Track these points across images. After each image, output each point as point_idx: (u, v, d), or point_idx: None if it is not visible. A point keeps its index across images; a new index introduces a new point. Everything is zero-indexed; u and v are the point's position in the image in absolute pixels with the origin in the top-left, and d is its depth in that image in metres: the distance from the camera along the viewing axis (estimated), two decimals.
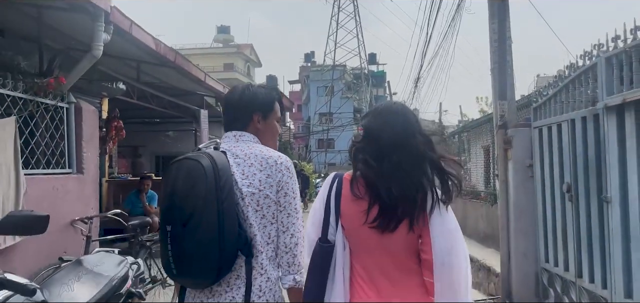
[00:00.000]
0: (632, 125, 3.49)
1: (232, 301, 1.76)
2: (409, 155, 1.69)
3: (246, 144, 1.90)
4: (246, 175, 1.82)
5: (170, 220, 1.76)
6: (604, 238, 3.89)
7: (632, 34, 3.50)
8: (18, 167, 3.57)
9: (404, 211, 1.66)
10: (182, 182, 1.75)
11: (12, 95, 3.67)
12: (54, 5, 4.30)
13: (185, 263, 1.74)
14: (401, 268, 1.72)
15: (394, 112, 1.78)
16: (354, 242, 1.78)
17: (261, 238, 1.81)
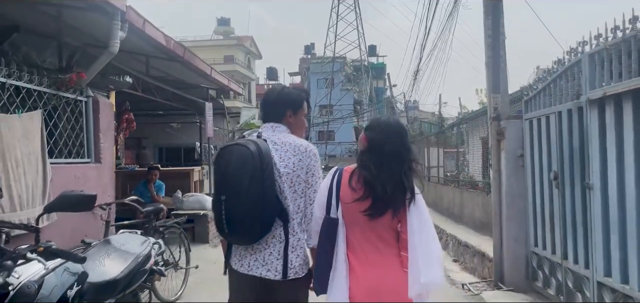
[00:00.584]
0: (612, 117, 3.78)
1: (270, 255, 2.31)
2: (401, 164, 2.23)
3: (281, 134, 2.43)
4: (282, 159, 2.34)
5: (224, 191, 2.27)
6: (586, 222, 4.20)
7: (612, 33, 3.79)
8: (45, 157, 3.87)
9: (390, 203, 2.19)
10: (234, 163, 2.26)
11: (38, 90, 3.96)
12: (73, 4, 4.57)
13: (235, 225, 2.26)
14: (383, 242, 2.25)
15: (393, 130, 2.32)
16: (348, 220, 2.28)
17: (293, 208, 2.35)
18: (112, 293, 2.84)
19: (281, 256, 2.32)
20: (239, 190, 2.22)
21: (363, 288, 2.19)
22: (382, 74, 51.84)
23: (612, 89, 3.72)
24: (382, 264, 2.22)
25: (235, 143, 2.36)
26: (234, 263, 2.41)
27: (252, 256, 2.35)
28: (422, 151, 17.99)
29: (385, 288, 2.17)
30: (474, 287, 5.96)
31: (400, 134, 2.31)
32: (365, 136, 2.38)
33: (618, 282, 3.74)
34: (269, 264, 2.33)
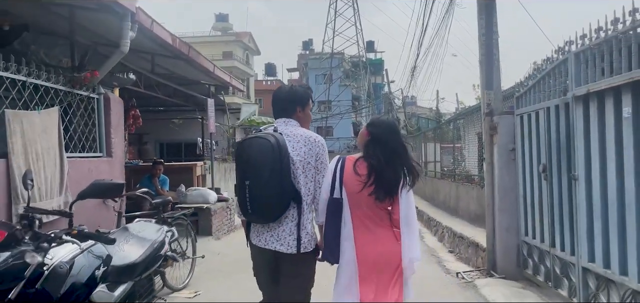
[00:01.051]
0: (595, 112, 4.03)
1: (283, 232, 2.73)
2: (399, 157, 2.76)
3: (293, 127, 2.84)
4: (295, 149, 2.75)
5: (248, 177, 2.66)
6: (572, 212, 4.45)
7: (596, 33, 4.03)
8: (62, 151, 4.10)
9: (389, 189, 2.71)
10: (256, 153, 2.66)
11: (55, 88, 4.18)
12: (85, 5, 4.79)
13: (257, 207, 2.67)
14: (380, 219, 2.75)
15: (393, 128, 2.87)
16: (351, 201, 2.75)
17: (305, 191, 2.77)
18: (131, 275, 3.09)
19: (293, 233, 2.73)
20: (261, 177, 2.62)
21: (368, 257, 2.69)
22: (380, 70, 52.02)
23: (595, 86, 3.97)
24: (381, 238, 2.73)
25: (255, 136, 2.75)
26: (253, 239, 2.84)
27: (268, 233, 2.76)
28: (420, 146, 18.28)
29: (385, 257, 2.70)
30: (468, 275, 6.22)
31: (398, 133, 2.86)
32: (368, 131, 2.84)
33: (601, 267, 4.00)
34: (283, 240, 2.74)
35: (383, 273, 2.69)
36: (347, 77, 49.88)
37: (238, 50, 48.51)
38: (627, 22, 3.58)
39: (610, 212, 3.85)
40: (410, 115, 38.47)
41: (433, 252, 8.45)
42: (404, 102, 26.91)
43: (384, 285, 2.68)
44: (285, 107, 2.89)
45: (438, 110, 36.00)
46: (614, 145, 3.77)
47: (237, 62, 45.35)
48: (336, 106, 45.01)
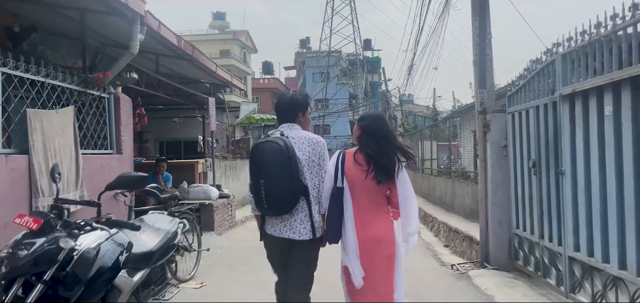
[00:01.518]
0: (580, 110, 4.29)
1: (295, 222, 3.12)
2: (390, 144, 3.17)
3: (296, 131, 3.24)
4: (301, 149, 3.14)
5: (262, 177, 3.02)
6: (559, 204, 4.72)
7: (581, 36, 4.29)
8: (77, 148, 4.32)
9: (386, 173, 3.12)
10: (268, 154, 3.03)
11: (70, 88, 4.41)
12: (95, 8, 5.01)
13: (272, 201, 3.03)
14: (377, 204, 3.20)
15: (380, 118, 3.32)
16: (352, 189, 3.18)
17: (311, 186, 3.15)
18: (148, 263, 3.33)
19: (303, 223, 3.14)
20: (273, 176, 3.00)
21: (366, 236, 3.14)
22: (377, 68, 52.30)
23: (579, 86, 4.22)
24: (377, 219, 3.17)
25: (267, 140, 3.13)
26: (268, 229, 3.22)
27: (282, 224, 3.15)
28: (417, 145, 18.52)
29: (380, 235, 3.15)
30: (462, 267, 6.48)
31: (385, 121, 3.31)
32: (359, 125, 3.29)
33: (585, 256, 4.26)
34: (295, 229, 3.14)
35: (379, 251, 3.13)
36: (345, 75, 50.09)
37: (235, 48, 48.68)
38: (609, 26, 3.83)
39: (594, 204, 4.11)
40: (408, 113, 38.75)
41: (429, 246, 8.70)
42: (401, 100, 27.06)
43: (382, 264, 3.14)
44: (288, 114, 3.31)
45: (435, 108, 36.24)
46: (596, 142, 4.03)
47: (234, 60, 45.52)
48: (333, 104, 45.21)
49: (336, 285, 3.54)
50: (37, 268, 2.47)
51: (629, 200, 3.60)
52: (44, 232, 2.53)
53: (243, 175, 14.13)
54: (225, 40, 48.28)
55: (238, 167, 13.54)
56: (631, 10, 3.54)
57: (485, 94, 6.43)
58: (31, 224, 2.51)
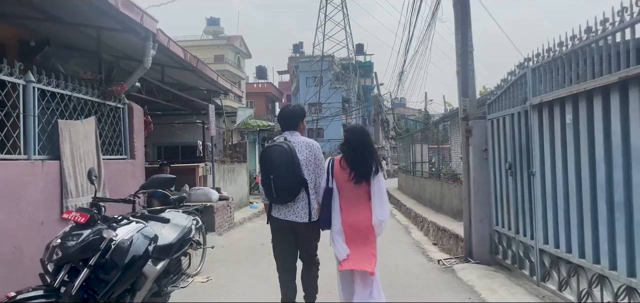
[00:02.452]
0: (547, 118, 4.84)
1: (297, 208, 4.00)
2: (368, 154, 4.05)
3: (296, 137, 4.12)
4: (300, 151, 4.01)
5: (272, 172, 3.89)
6: (531, 202, 5.26)
7: (547, 53, 4.84)
8: (99, 154, 4.81)
9: (364, 175, 4.01)
10: (276, 155, 3.92)
11: (91, 100, 4.90)
12: (111, 26, 5.50)
13: (279, 191, 3.91)
14: (359, 199, 4.07)
15: (362, 132, 4.23)
16: (339, 187, 4.09)
17: (308, 180, 4.03)
18: (168, 254, 3.82)
19: (304, 209, 4.03)
20: (280, 172, 3.89)
21: (349, 222, 4.06)
22: (370, 72, 52.96)
23: (546, 97, 4.78)
24: (358, 210, 4.07)
25: (275, 144, 4.02)
26: (274, 214, 4.09)
27: (286, 209, 4.03)
28: (408, 148, 19.07)
29: (360, 221, 4.05)
30: (448, 262, 7.01)
31: (365, 135, 4.21)
32: (344, 136, 4.23)
33: (552, 247, 4.80)
34: (297, 214, 4.03)
35: (361, 234, 4.04)
36: (337, 79, 50.65)
37: (230, 53, 49.12)
38: (569, 45, 4.38)
39: (558, 201, 4.65)
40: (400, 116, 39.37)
41: (418, 244, 9.24)
42: (392, 105, 27.64)
43: (362, 242, 4.05)
44: (291, 122, 4.19)
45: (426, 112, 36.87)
46: (560, 146, 4.58)
47: (228, 65, 45.96)
48: (327, 108, 45.74)
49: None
50: (83, 255, 2.96)
51: (586, 197, 4.15)
52: (89, 225, 3.02)
53: (240, 178, 14.61)
54: (220, 46, 48.73)
55: (235, 170, 14.02)
56: (586, 33, 4.09)
57: (467, 101, 6.98)
58: (79, 218, 3.01)
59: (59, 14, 5.41)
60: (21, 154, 3.92)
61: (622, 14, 3.59)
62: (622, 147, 3.61)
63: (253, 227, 11.66)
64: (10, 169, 3.74)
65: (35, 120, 3.97)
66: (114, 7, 4.51)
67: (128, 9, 4.71)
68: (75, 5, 4.94)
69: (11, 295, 2.78)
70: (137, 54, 5.94)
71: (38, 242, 3.95)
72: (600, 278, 4.00)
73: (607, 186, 3.83)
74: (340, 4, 45.71)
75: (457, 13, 7.16)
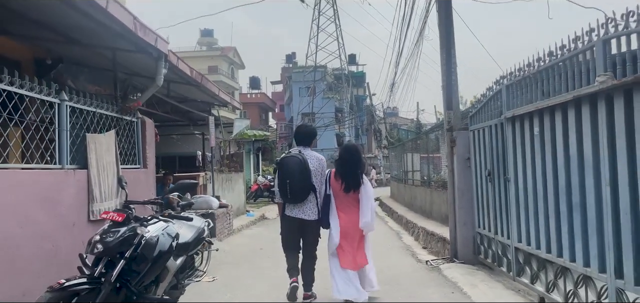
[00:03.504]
0: (519, 130, 5.44)
1: (306, 208, 5.18)
2: (357, 167, 5.24)
3: (308, 151, 5.32)
4: (311, 163, 5.18)
5: (288, 178, 5.03)
6: (507, 205, 5.85)
7: (518, 72, 5.45)
8: (118, 164, 5.34)
9: (354, 186, 5.20)
10: (292, 164, 5.09)
11: (111, 115, 5.44)
12: (125, 48, 6.05)
13: (293, 194, 5.07)
14: (351, 205, 5.24)
15: (352, 151, 5.43)
16: (335, 194, 5.29)
17: (317, 186, 5.22)
18: (185, 251, 4.36)
19: (313, 209, 5.20)
20: (295, 177, 5.03)
21: (343, 223, 5.18)
22: (362, 82, 53.70)
23: (517, 111, 5.39)
24: (351, 214, 5.20)
25: (290, 156, 5.21)
26: (287, 212, 5.23)
27: (297, 208, 5.19)
28: (400, 157, 19.67)
29: (352, 223, 5.17)
30: (435, 262, 7.58)
31: (354, 153, 5.37)
32: (339, 153, 5.40)
33: (525, 245, 5.39)
34: (306, 213, 5.19)
35: (353, 232, 5.19)
36: (330, 89, 51.33)
37: (223, 64, 49.75)
38: (535, 66, 5.00)
39: (529, 204, 5.25)
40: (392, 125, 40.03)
41: (409, 248, 9.80)
42: (384, 115, 28.32)
43: (354, 238, 5.19)
44: (305, 139, 5.41)
45: (419, 121, 37.56)
46: (530, 154, 5.18)
47: (222, 76, 46.53)
48: (320, 118, 46.33)
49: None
50: (120, 248, 3.50)
51: (550, 200, 4.74)
52: (125, 223, 3.56)
53: (237, 187, 15.12)
54: (214, 57, 49.36)
55: (233, 179, 14.54)
56: (548, 56, 4.71)
57: (451, 114, 7.60)
58: (116, 217, 3.55)
59: (78, 37, 5.93)
60: (56, 164, 4.45)
61: (576, 42, 4.21)
62: (577, 155, 4.22)
63: (251, 234, 12.17)
64: (49, 177, 4.27)
65: (67, 134, 4.50)
66: (132, 32, 5.05)
67: (144, 34, 5.26)
68: (94, 29, 5.47)
69: (62, 282, 3.30)
70: (146, 71, 6.49)
71: (70, 241, 4.48)
72: (563, 270, 4.59)
73: (566, 189, 4.42)
74: (333, 15, 46.50)
75: (442, 33, 7.79)
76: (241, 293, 6.13)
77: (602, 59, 3.79)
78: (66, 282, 3.32)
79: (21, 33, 5.97)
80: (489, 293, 5.58)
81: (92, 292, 3.41)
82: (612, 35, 3.71)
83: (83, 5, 4.48)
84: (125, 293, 3.64)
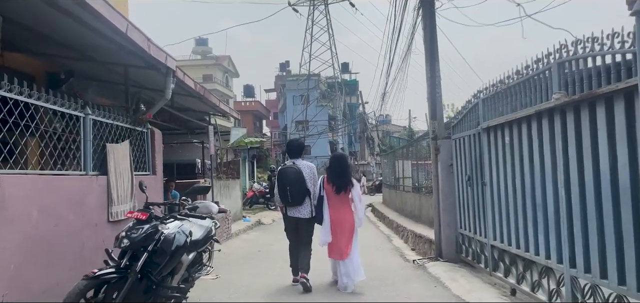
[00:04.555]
0: (493, 139, 6.07)
1: (302, 208, 6.42)
2: (347, 173, 6.51)
3: (300, 161, 6.62)
4: (304, 171, 6.45)
5: (288, 185, 6.32)
6: (484, 207, 6.47)
7: (492, 87, 6.09)
8: (131, 170, 5.90)
9: (345, 187, 6.37)
10: (290, 174, 6.41)
11: (126, 127, 6.01)
12: (137, 64, 6.62)
13: (293, 198, 6.34)
14: (343, 203, 6.42)
15: (340, 160, 6.84)
16: (327, 195, 6.42)
17: (310, 191, 6.45)
18: (196, 248, 4.92)
19: (307, 210, 6.34)
20: (293, 185, 6.27)
21: (334, 218, 6.30)
22: (355, 90, 54.49)
23: (491, 122, 6.02)
24: (342, 212, 6.34)
25: (288, 167, 6.46)
26: (288, 213, 6.43)
27: (295, 209, 6.37)
28: (392, 164, 20.28)
29: (344, 220, 6.31)
30: (421, 261, 8.18)
31: (342, 160, 6.75)
32: (329, 162, 6.69)
33: (499, 242, 6.00)
34: (302, 212, 6.35)
35: (344, 227, 6.25)
36: (324, 97, 52.03)
37: (218, 73, 50.25)
38: (506, 83, 5.63)
39: (502, 205, 5.87)
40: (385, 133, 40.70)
41: (398, 249, 10.39)
42: (376, 123, 28.97)
43: (344, 233, 6.23)
44: (296, 151, 6.68)
45: (410, 128, 38.27)
46: (502, 161, 5.81)
47: (217, 84, 47.00)
48: (314, 126, 46.96)
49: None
50: (144, 243, 4.06)
51: (519, 202, 5.37)
52: (148, 221, 4.13)
53: (234, 193, 15.66)
54: (208, 65, 49.88)
55: (230, 186, 15.08)
56: (516, 75, 5.35)
57: (436, 124, 8.22)
58: (141, 216, 4.12)
59: (93, 55, 6.50)
60: (81, 170, 5.01)
61: (537, 63, 4.85)
62: (539, 161, 4.85)
63: (248, 238, 12.72)
64: (76, 182, 4.83)
65: (90, 144, 5.07)
66: (146, 51, 5.63)
67: (156, 53, 5.84)
68: (109, 48, 6.04)
69: (95, 272, 3.86)
70: (152, 84, 7.07)
71: (94, 239, 5.03)
72: (529, 263, 5.20)
73: (531, 192, 5.05)
74: (326, 25, 47.29)
75: (427, 49, 8.44)
76: (243, 290, 6.68)
77: (557, 79, 4.43)
78: (98, 272, 3.88)
79: (40, 51, 6.52)
80: (467, 286, 6.18)
81: (120, 280, 3.97)
82: (565, 60, 4.34)
83: (105, 30, 5.05)
84: (146, 282, 4.20)
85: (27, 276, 4.07)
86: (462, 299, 5.69)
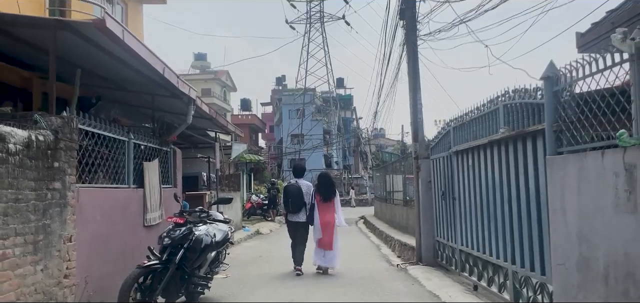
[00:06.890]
0: (461, 161, 7.33)
1: (300, 214, 8.94)
2: (332, 187, 9.21)
3: (301, 180, 9.36)
4: (303, 188, 9.08)
5: (290, 197, 8.92)
6: (454, 217, 7.71)
7: (460, 118, 7.35)
8: (160, 184, 7.10)
9: (328, 198, 9.00)
10: (292, 190, 9.05)
11: (156, 147, 7.21)
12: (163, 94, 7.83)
13: (293, 207, 8.91)
14: (329, 210, 9.04)
15: (326, 177, 9.60)
16: (317, 204, 9.02)
17: (306, 201, 8.91)
18: (216, 248, 6.12)
19: (303, 216, 8.93)
20: (294, 198, 8.88)
21: (322, 221, 8.90)
22: (350, 105, 55.94)
23: (459, 147, 7.28)
24: (328, 215, 8.96)
25: (291, 184, 9.24)
26: (289, 218, 9.07)
27: (295, 215, 8.96)
28: (383, 178, 21.46)
29: (328, 220, 8.92)
30: (403, 265, 9.39)
31: (327, 178, 9.54)
32: (318, 178, 9.45)
33: (465, 247, 7.23)
34: (299, 217, 8.98)
35: (329, 226, 8.79)
36: (319, 112, 53.36)
37: (216, 87, 51.46)
38: (470, 115, 6.89)
39: (467, 215, 7.10)
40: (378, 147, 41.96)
41: (385, 257, 11.59)
42: (369, 139, 30.25)
43: (329, 231, 8.75)
44: (299, 172, 9.54)
45: (404, 143, 39.56)
46: (467, 180, 7.06)
47: (215, 98, 48.17)
48: (309, 139, 48.19)
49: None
50: (181, 241, 5.25)
51: (479, 213, 6.60)
52: (184, 224, 5.33)
53: (235, 204, 16.82)
54: (207, 80, 51.10)
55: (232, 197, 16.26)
56: (476, 110, 6.61)
57: (417, 145, 9.48)
58: (179, 220, 5.31)
59: (125, 85, 7.72)
60: (125, 184, 6.21)
61: (491, 103, 6.11)
62: (492, 181, 6.10)
63: (250, 246, 13.89)
64: (122, 193, 6.02)
65: (132, 162, 6.27)
66: (175, 86, 6.86)
67: (182, 87, 7.07)
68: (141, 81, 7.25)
69: (144, 263, 5.05)
70: (171, 109, 8.29)
71: (133, 239, 6.21)
72: (486, 263, 6.43)
73: (487, 205, 6.29)
74: (322, 42, 48.81)
75: (410, 80, 9.72)
76: (250, 286, 7.86)
77: (503, 117, 5.69)
78: (148, 262, 5.07)
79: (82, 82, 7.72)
80: (439, 283, 7.40)
81: (163, 271, 5.16)
82: (508, 102, 5.61)
83: (144, 70, 6.27)
84: (180, 273, 5.40)
85: (93, 264, 5.26)
86: (434, 293, 6.90)
